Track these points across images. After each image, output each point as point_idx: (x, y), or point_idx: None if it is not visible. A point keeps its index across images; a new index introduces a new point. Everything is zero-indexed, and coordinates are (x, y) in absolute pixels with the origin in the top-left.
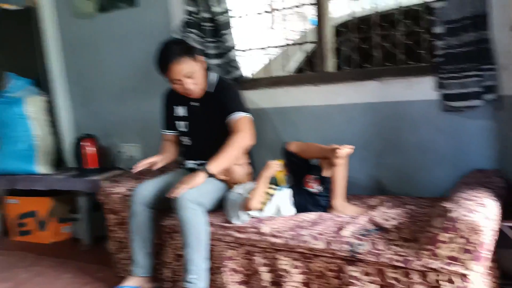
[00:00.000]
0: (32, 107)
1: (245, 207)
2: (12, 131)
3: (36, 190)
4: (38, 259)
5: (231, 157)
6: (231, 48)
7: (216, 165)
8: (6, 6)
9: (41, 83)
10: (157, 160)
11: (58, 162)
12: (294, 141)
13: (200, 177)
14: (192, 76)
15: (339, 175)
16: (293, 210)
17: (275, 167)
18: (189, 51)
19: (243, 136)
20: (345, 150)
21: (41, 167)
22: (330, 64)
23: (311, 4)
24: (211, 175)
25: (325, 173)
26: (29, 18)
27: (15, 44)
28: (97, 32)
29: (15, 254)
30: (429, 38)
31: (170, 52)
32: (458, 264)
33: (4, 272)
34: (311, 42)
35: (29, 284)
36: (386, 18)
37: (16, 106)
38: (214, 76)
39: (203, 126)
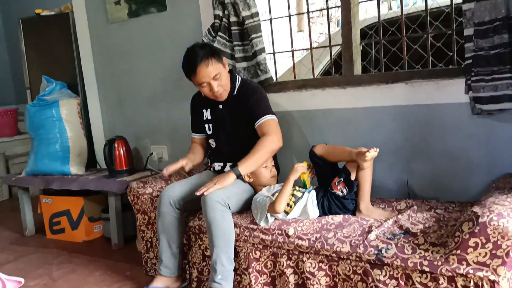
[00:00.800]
0: (66, 110)
1: (271, 210)
2: (47, 133)
3: (69, 190)
4: (70, 257)
5: (261, 160)
6: (260, 51)
7: (245, 167)
8: (46, 12)
9: (75, 86)
10: (185, 164)
11: (90, 163)
12: (321, 144)
13: (230, 177)
14: (219, 78)
15: (366, 178)
16: (317, 212)
17: (301, 170)
18: (215, 53)
19: (272, 140)
20: (372, 153)
21: (74, 168)
22: (357, 66)
23: (338, 6)
24: (239, 177)
25: (352, 176)
26: (64, 23)
27: (51, 48)
28: (129, 37)
29: (49, 252)
30: (459, 40)
31: (198, 55)
32: (487, 270)
33: (39, 268)
34: (338, 45)
35: (62, 280)
36: (414, 20)
37: (51, 108)
38: (238, 79)
39: (226, 128)
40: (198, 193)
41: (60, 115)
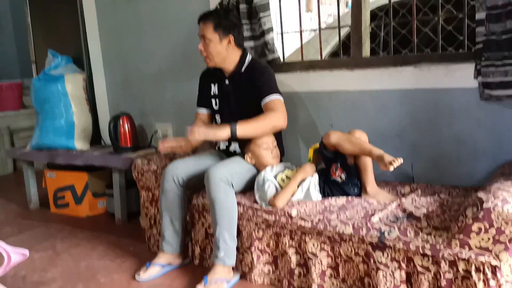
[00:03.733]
0: (72, 85)
1: (272, 202)
2: (52, 107)
3: (73, 165)
4: (74, 231)
5: (260, 129)
6: (268, 30)
7: (243, 128)
8: None
9: (81, 61)
10: (184, 143)
11: (95, 139)
12: (335, 132)
13: (223, 131)
14: (207, 43)
15: (367, 160)
16: (319, 196)
17: (311, 172)
18: (218, 22)
19: (278, 116)
20: (396, 165)
21: (79, 143)
22: (366, 48)
23: None
24: (233, 134)
25: (349, 160)
26: None
27: (57, 22)
28: (136, 13)
29: (53, 226)
30: (471, 24)
31: (208, 13)
32: (489, 255)
33: (43, 242)
34: (347, 26)
35: (66, 254)
36: (425, 3)
37: (57, 83)
38: (248, 58)
39: (231, 104)
40: (187, 133)
41: (66, 90)
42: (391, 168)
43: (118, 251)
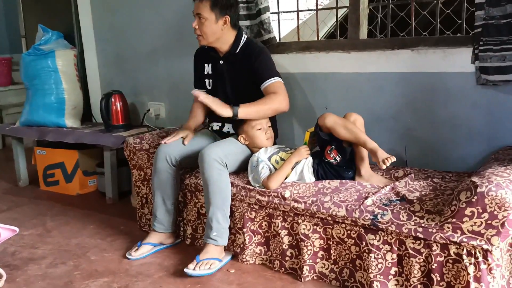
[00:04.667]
0: (62, 61)
1: (265, 184)
2: (43, 83)
3: (63, 143)
4: (64, 209)
5: (262, 112)
6: (264, 10)
7: (245, 111)
8: None
9: (72, 37)
10: (185, 136)
11: (85, 116)
12: (331, 115)
13: (225, 109)
14: (201, 21)
15: (367, 143)
16: (313, 178)
17: (306, 155)
18: (215, 2)
19: (280, 100)
20: (388, 164)
21: (69, 121)
22: (364, 30)
23: None
24: (234, 117)
25: (344, 142)
26: None
27: None
28: None
29: (43, 203)
30: (470, 7)
31: None
32: (481, 239)
33: (33, 219)
34: (345, 7)
35: (56, 231)
36: None
37: (47, 58)
38: (242, 37)
39: (224, 85)
40: (194, 92)
41: (56, 66)
42: (384, 166)
43: (109, 229)
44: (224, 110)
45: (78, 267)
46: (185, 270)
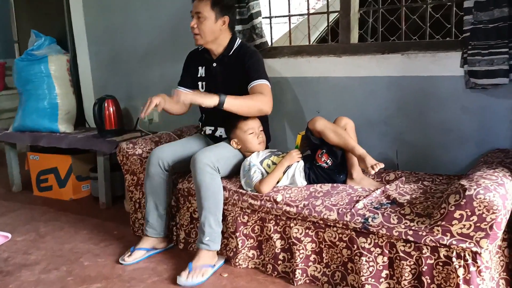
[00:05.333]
0: (55, 66)
1: (257, 188)
2: (36, 89)
3: (56, 148)
4: (58, 214)
5: (246, 107)
6: (256, 14)
7: (231, 102)
8: None
9: (65, 42)
10: (158, 102)
11: (79, 121)
12: (322, 119)
13: (211, 98)
14: (201, 20)
15: (355, 149)
16: (305, 182)
17: (297, 158)
18: (216, 1)
19: (264, 100)
20: (376, 170)
21: (63, 126)
22: (354, 35)
23: None
24: (220, 105)
25: (336, 147)
26: None
27: (41, 2)
28: None
29: (36, 209)
30: (458, 12)
31: None
32: (470, 242)
33: (26, 224)
34: (335, 12)
35: (49, 237)
36: None
37: (40, 64)
38: (236, 41)
39: (218, 87)
40: (173, 95)
41: (49, 71)
42: (372, 172)
43: (102, 234)
44: (209, 100)
45: (71, 272)
46: (178, 280)
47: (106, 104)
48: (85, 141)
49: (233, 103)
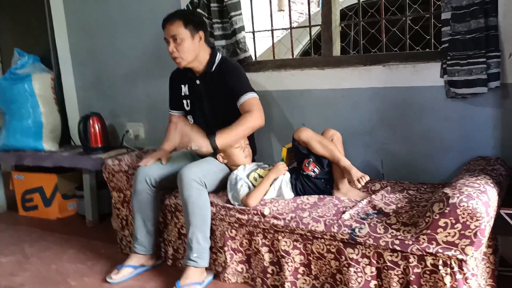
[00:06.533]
0: (39, 84)
1: (244, 202)
2: (20, 108)
3: (41, 167)
4: (44, 234)
5: (239, 135)
6: (240, 29)
7: (222, 139)
8: None
9: (48, 60)
10: (162, 156)
11: (64, 139)
12: (307, 130)
13: (205, 148)
14: (179, 43)
15: (341, 161)
16: (292, 193)
17: (284, 171)
18: (187, 19)
19: (255, 117)
20: (363, 183)
21: (47, 144)
22: (337, 47)
23: None
24: (215, 150)
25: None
26: None
27: (24, 20)
28: (106, 12)
29: (21, 229)
30: (437, 24)
31: (172, 13)
32: (456, 249)
33: (11, 245)
34: (318, 26)
35: (36, 258)
36: (393, 3)
37: (24, 82)
38: (218, 56)
39: (203, 104)
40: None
41: (33, 90)
42: (359, 186)
43: (89, 253)
44: (205, 147)
45: None
46: None
47: (91, 121)
48: (71, 159)
49: (226, 138)
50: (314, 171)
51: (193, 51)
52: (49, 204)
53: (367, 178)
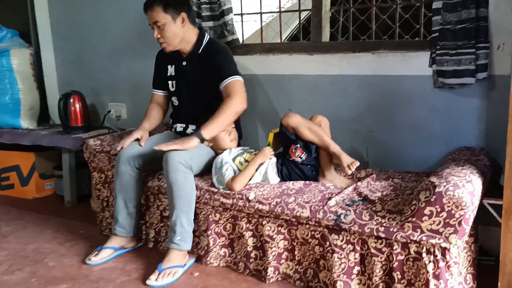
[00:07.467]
0: (17, 59)
1: (229, 186)
2: None
3: (18, 145)
4: (21, 213)
5: (224, 123)
6: (228, 11)
7: (209, 131)
8: None
9: (27, 35)
10: (140, 137)
11: (42, 118)
12: (296, 115)
13: (192, 141)
14: (162, 28)
15: (330, 146)
16: (277, 179)
17: (270, 156)
18: (166, 3)
19: (236, 102)
20: (353, 169)
21: (25, 122)
22: (326, 33)
23: None
24: (202, 141)
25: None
26: None
27: None
28: None
29: None
30: (427, 13)
31: None
32: (440, 237)
33: None
34: (307, 10)
35: (12, 236)
36: None
37: (1, 57)
38: (205, 38)
39: (189, 86)
40: (156, 147)
41: (11, 65)
42: (349, 172)
43: (67, 234)
44: (191, 142)
45: (36, 273)
46: (147, 282)
47: (72, 100)
48: (50, 138)
49: (211, 130)
50: (301, 157)
51: (176, 35)
52: (26, 183)
53: (357, 164)
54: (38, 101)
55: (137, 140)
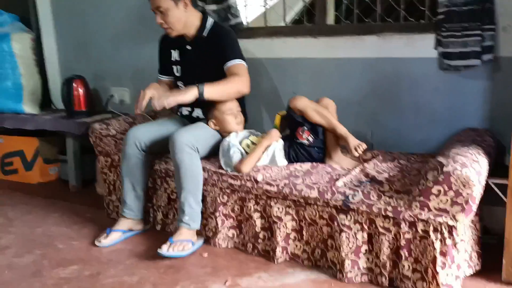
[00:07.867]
0: (19, 44)
1: (238, 168)
2: None
3: (21, 130)
4: (25, 198)
5: (226, 92)
6: None
7: (211, 90)
8: None
9: (28, 20)
10: (153, 94)
11: (44, 103)
12: (303, 98)
13: (191, 92)
14: (165, 13)
15: (337, 129)
16: (285, 161)
17: (277, 138)
18: None
19: (242, 81)
20: (360, 152)
21: (28, 107)
22: (330, 16)
23: None
24: (201, 94)
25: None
26: None
27: None
28: None
29: (1, 193)
30: None
31: None
32: (447, 216)
33: None
34: None
35: (19, 221)
36: None
37: (2, 42)
38: (209, 21)
39: (194, 70)
40: (153, 104)
41: (12, 50)
42: (356, 154)
43: (74, 217)
44: (189, 95)
45: (46, 255)
46: (158, 250)
47: (74, 85)
48: (53, 123)
49: (212, 91)
50: (308, 140)
51: (180, 19)
52: (30, 168)
53: (364, 146)
54: (40, 86)
55: (149, 119)
